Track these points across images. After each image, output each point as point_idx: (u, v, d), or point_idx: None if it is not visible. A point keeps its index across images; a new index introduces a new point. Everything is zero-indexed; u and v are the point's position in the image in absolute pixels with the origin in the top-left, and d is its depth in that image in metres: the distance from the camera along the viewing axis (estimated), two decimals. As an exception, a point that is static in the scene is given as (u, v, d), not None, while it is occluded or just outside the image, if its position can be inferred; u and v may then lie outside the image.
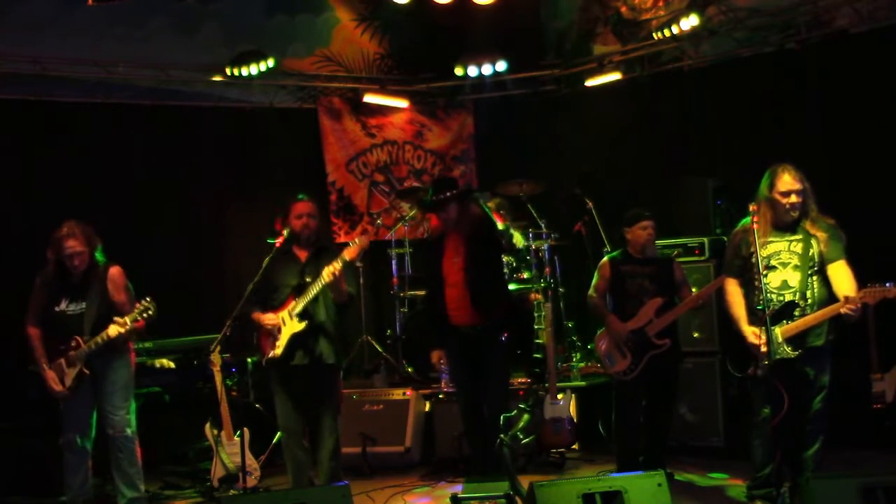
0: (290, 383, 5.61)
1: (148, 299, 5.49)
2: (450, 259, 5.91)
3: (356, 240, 5.46)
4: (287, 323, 5.52)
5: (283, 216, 5.71)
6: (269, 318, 5.55)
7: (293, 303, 5.52)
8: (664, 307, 5.85)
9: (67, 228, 5.64)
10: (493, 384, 5.91)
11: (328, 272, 5.35)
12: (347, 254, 5.37)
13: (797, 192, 5.05)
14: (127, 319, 5.46)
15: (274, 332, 5.54)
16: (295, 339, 5.49)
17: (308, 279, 5.53)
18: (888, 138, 6.78)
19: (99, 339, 5.51)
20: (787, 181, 5.06)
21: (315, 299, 5.50)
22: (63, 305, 5.67)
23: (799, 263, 5.07)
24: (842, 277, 4.98)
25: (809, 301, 5.05)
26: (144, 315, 5.47)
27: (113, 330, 5.47)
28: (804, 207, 5.09)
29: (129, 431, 5.65)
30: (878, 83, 6.88)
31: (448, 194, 5.83)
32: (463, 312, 5.85)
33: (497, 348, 5.93)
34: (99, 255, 5.75)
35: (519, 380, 7.28)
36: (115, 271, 5.76)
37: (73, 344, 5.55)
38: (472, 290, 5.80)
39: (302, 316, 5.49)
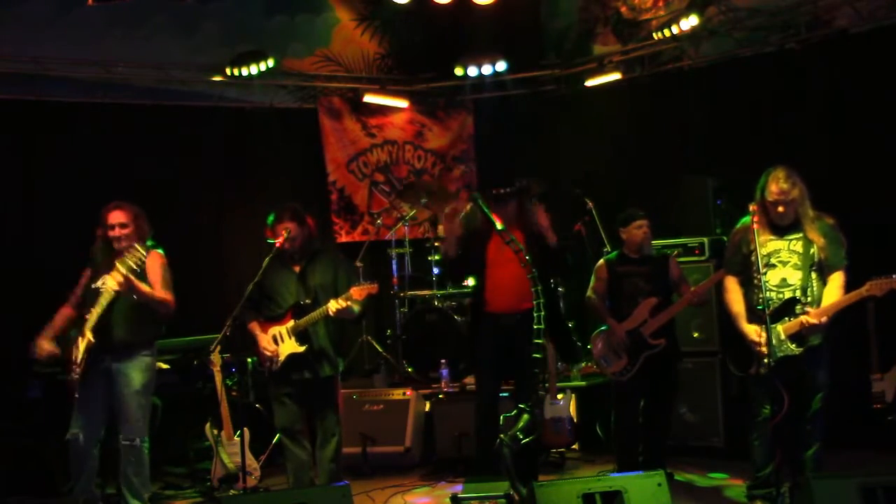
0: (289, 388, 5.61)
1: (138, 247, 5.26)
2: (498, 244, 5.67)
3: (368, 284, 5.46)
4: (286, 341, 5.54)
5: (270, 227, 5.64)
6: (266, 344, 5.53)
7: (292, 322, 5.52)
8: (659, 307, 5.86)
9: (114, 203, 5.57)
10: (528, 375, 5.52)
11: (333, 308, 5.38)
12: (355, 294, 5.41)
13: (784, 203, 5.06)
14: (120, 266, 5.20)
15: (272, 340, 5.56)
16: (293, 357, 5.51)
17: (308, 301, 5.53)
18: (889, 138, 6.78)
19: (103, 301, 5.31)
20: (774, 191, 5.07)
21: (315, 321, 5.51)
22: (100, 282, 5.49)
23: (799, 262, 5.07)
24: (831, 289, 5.02)
25: (809, 299, 5.06)
26: (135, 260, 5.20)
27: (110, 282, 5.26)
28: (796, 214, 5.10)
29: (138, 440, 5.49)
30: (878, 83, 6.88)
31: (507, 190, 5.74)
32: (512, 297, 5.66)
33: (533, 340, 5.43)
34: (149, 243, 5.61)
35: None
36: (154, 254, 5.59)
37: (87, 316, 5.41)
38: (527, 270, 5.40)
39: (302, 339, 5.50)
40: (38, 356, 5.48)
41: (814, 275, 5.07)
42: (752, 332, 5.08)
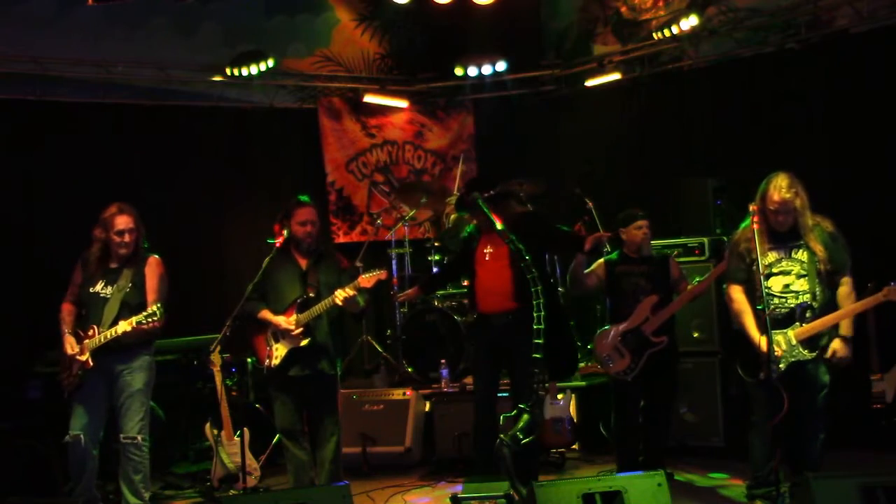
0: (288, 388, 5.59)
1: (157, 305, 5.35)
2: (483, 248, 5.81)
3: (377, 271, 5.41)
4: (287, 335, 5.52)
5: (283, 218, 5.63)
6: (283, 321, 5.48)
7: (295, 316, 5.48)
8: (660, 304, 5.86)
9: (118, 207, 5.55)
10: (526, 375, 5.49)
11: (340, 296, 5.33)
12: (363, 282, 5.36)
13: (783, 212, 5.03)
14: (133, 320, 5.32)
15: (270, 339, 5.54)
16: (294, 352, 5.49)
17: (311, 294, 5.50)
18: (889, 138, 6.78)
19: (109, 334, 5.36)
20: (775, 200, 5.03)
21: (318, 315, 5.49)
22: (98, 287, 5.52)
23: (802, 270, 5.04)
24: (846, 298, 5.01)
25: (816, 305, 5.04)
26: (149, 320, 5.31)
27: (121, 327, 5.34)
28: (796, 222, 5.07)
29: (139, 438, 5.48)
30: (878, 83, 6.88)
31: (490, 193, 5.71)
32: (496, 297, 5.72)
33: (528, 339, 5.35)
34: (145, 245, 5.64)
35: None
36: (153, 260, 5.63)
37: (90, 332, 5.42)
38: (513, 271, 5.59)
39: (304, 333, 5.48)
40: (70, 353, 5.48)
41: (816, 280, 5.05)
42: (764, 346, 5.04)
